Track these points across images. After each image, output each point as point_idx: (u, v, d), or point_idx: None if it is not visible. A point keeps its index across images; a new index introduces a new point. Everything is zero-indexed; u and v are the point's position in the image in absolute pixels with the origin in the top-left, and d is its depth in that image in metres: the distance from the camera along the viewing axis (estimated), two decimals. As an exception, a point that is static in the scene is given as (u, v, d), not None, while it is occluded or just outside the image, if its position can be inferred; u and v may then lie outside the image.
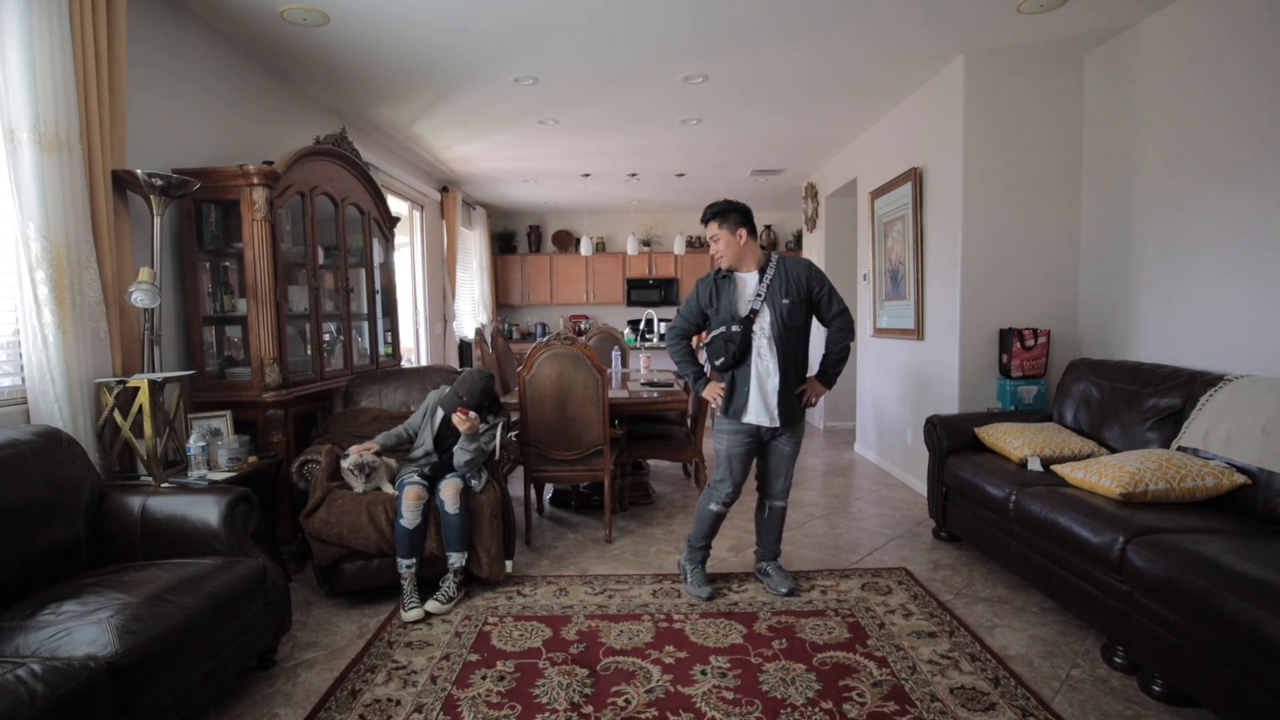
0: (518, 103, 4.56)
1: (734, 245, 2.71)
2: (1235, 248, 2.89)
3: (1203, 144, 3.03)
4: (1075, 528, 2.38)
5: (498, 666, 2.33)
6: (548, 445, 3.50)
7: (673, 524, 3.90)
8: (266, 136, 3.83)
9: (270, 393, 3.05)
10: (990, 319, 3.92)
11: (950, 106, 3.97)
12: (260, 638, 2.19)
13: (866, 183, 5.43)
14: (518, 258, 9.24)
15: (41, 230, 2.27)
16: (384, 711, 2.07)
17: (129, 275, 2.60)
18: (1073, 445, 3.05)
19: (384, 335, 4.53)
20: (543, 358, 3.43)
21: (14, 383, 2.41)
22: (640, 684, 2.21)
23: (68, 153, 2.32)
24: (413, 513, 2.71)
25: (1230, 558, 1.89)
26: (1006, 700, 2.07)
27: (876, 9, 3.21)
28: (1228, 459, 2.49)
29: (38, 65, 2.23)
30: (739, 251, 2.72)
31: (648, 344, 8.38)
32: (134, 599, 1.78)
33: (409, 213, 6.39)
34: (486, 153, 5.99)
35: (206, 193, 2.94)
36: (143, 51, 2.87)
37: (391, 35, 3.44)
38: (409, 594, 2.71)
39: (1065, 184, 3.89)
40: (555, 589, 2.98)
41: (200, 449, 2.65)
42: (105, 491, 2.26)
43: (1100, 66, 3.71)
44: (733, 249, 2.71)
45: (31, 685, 1.41)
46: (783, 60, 3.84)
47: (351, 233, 4.08)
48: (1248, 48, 2.79)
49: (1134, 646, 2.13)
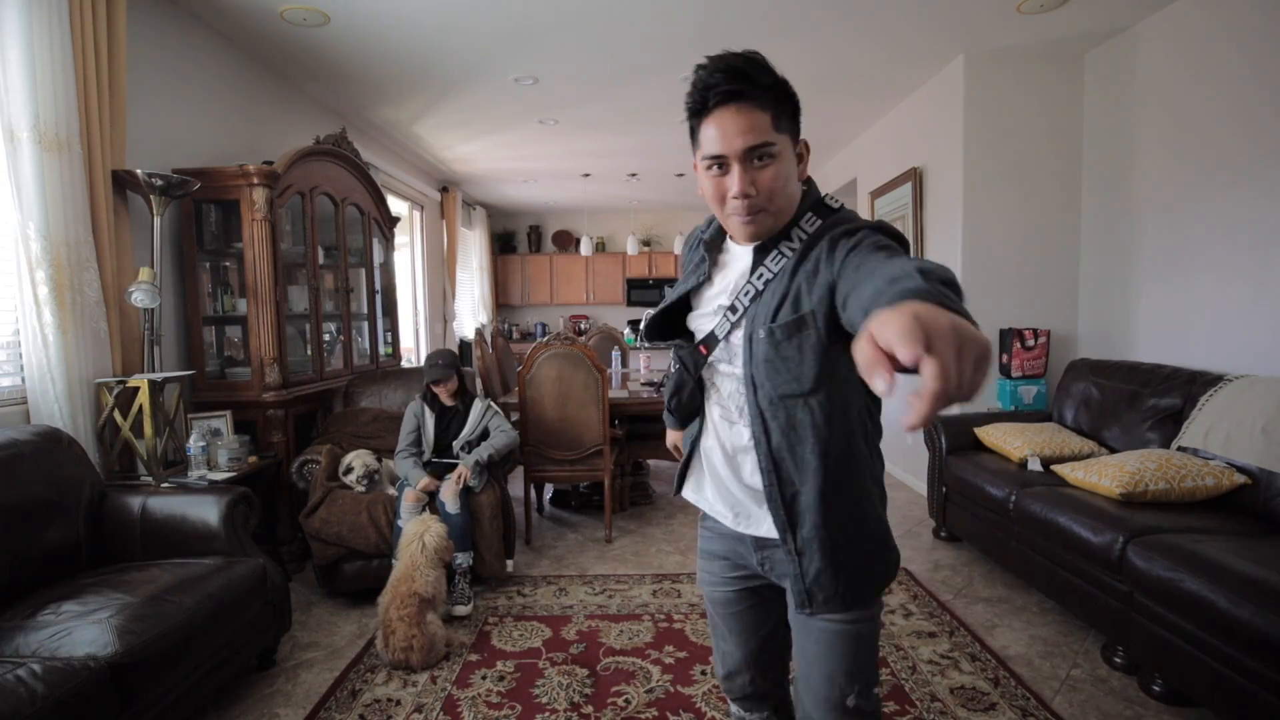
0: (518, 103, 4.56)
1: (790, 176, 1.06)
2: (1235, 248, 2.89)
3: (1203, 144, 3.03)
4: (1075, 528, 2.38)
5: (498, 666, 2.33)
6: (548, 445, 3.50)
7: (673, 524, 3.89)
8: (266, 136, 3.82)
9: (270, 393, 3.05)
10: (990, 319, 3.91)
11: (950, 106, 3.97)
12: (260, 638, 2.19)
13: (866, 183, 5.43)
14: (518, 258, 9.24)
15: (41, 230, 2.26)
16: (384, 711, 2.07)
17: (129, 275, 2.59)
18: (1073, 445, 3.05)
19: (384, 335, 4.53)
20: (543, 358, 3.43)
21: (14, 383, 2.41)
22: (640, 684, 2.21)
23: (68, 153, 2.32)
24: (410, 514, 2.71)
25: (1230, 558, 1.89)
26: (1006, 700, 2.07)
27: (876, 9, 3.20)
28: (1228, 459, 2.49)
29: (38, 65, 2.23)
30: (791, 195, 1.07)
31: (648, 344, 8.38)
32: (134, 599, 1.78)
33: (409, 213, 6.38)
34: (486, 153, 5.99)
35: (206, 193, 2.93)
36: (143, 51, 2.87)
37: (391, 35, 3.44)
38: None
39: (1065, 184, 3.89)
40: (555, 589, 2.98)
41: (200, 449, 2.65)
42: (105, 491, 2.26)
43: (1100, 66, 3.71)
44: (789, 185, 1.05)
45: (31, 685, 1.41)
46: (782, 60, 3.77)
47: (351, 233, 4.08)
48: (1247, 48, 2.79)
49: (1134, 646, 2.13)
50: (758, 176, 1.01)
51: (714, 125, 1.01)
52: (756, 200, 1.02)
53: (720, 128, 1.00)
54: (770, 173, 1.01)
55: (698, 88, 1.01)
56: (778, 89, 1.03)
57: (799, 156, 1.08)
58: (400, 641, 2.26)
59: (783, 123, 1.03)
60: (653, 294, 9.13)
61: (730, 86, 0.99)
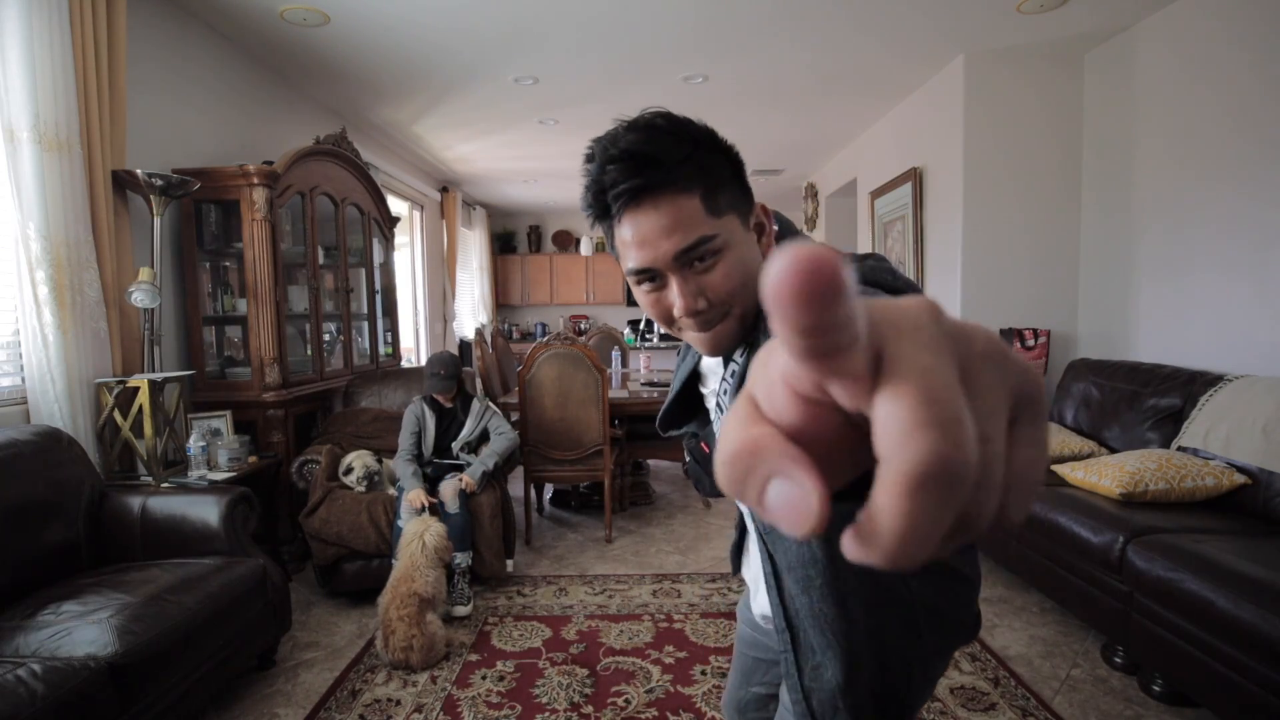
0: (518, 103, 4.56)
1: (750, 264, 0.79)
2: (1235, 247, 2.88)
3: (1203, 144, 3.03)
4: (1075, 528, 2.38)
5: (498, 666, 2.33)
6: (548, 445, 3.50)
7: (673, 524, 3.89)
8: (266, 136, 3.82)
9: (270, 393, 3.05)
10: (990, 319, 3.91)
11: (950, 106, 3.97)
12: (260, 638, 2.19)
13: (866, 183, 5.42)
14: (518, 258, 9.24)
15: (41, 230, 2.26)
16: (384, 711, 2.07)
17: (129, 275, 2.59)
18: (1073, 445, 3.05)
19: (384, 335, 4.53)
20: (543, 358, 3.43)
21: (14, 383, 2.41)
22: (640, 684, 2.21)
23: (68, 153, 2.32)
24: (410, 514, 2.71)
25: (1230, 558, 1.89)
26: (1006, 700, 2.07)
27: (876, 9, 3.20)
28: (1228, 459, 2.49)
29: (38, 65, 2.23)
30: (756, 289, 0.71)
31: (648, 344, 8.38)
32: (134, 599, 1.78)
33: (409, 213, 6.38)
34: (486, 153, 5.99)
35: (206, 193, 2.93)
36: (143, 51, 2.86)
37: (391, 35, 3.44)
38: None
39: (1065, 184, 3.88)
40: (555, 589, 2.98)
41: (200, 449, 2.65)
42: (105, 491, 2.26)
43: (1100, 66, 3.71)
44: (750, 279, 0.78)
45: (31, 685, 1.41)
46: (782, 60, 3.84)
47: (351, 233, 4.08)
48: (1247, 48, 2.79)
49: (1134, 646, 2.13)
50: (705, 282, 0.76)
51: (629, 230, 0.76)
52: (711, 313, 0.77)
53: (637, 234, 0.75)
54: (720, 272, 0.75)
55: (592, 190, 0.77)
56: (700, 158, 0.75)
57: (758, 229, 0.80)
58: (400, 642, 2.26)
59: (720, 200, 0.76)
60: (653, 294, 9.12)
61: (633, 182, 0.73)
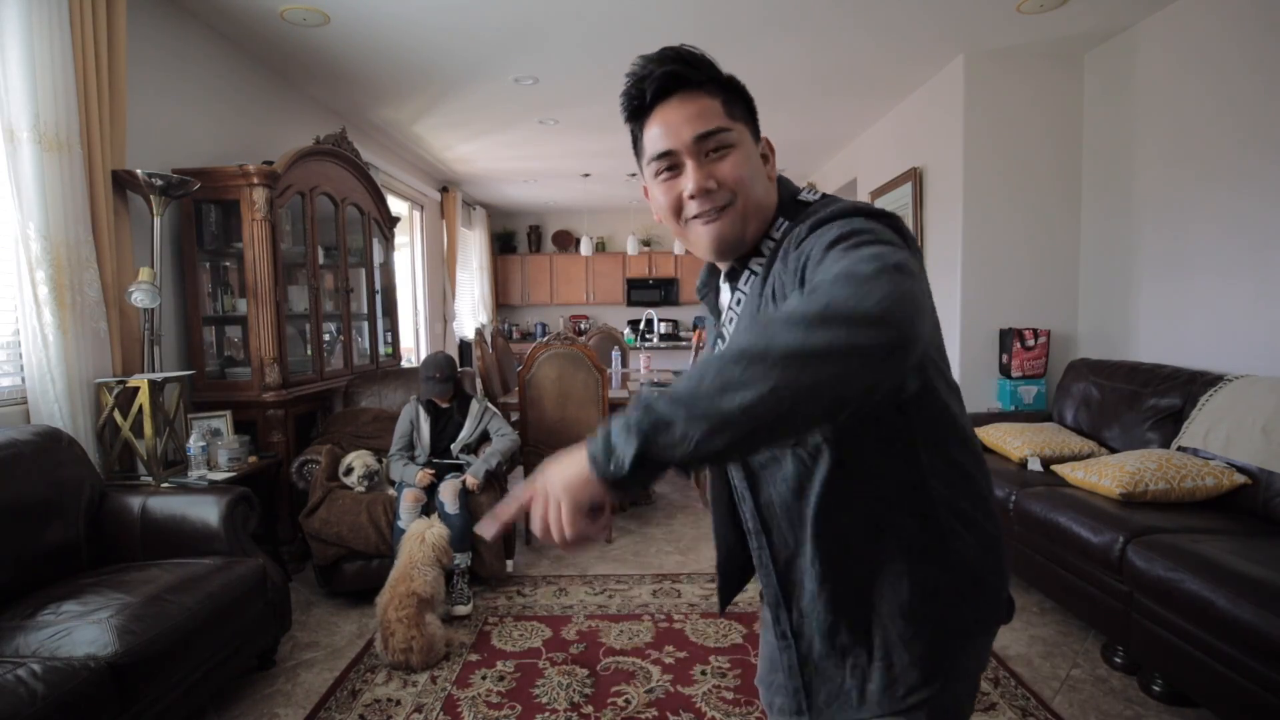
0: (518, 103, 4.56)
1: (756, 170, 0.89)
2: (1235, 247, 2.88)
3: (1203, 144, 3.03)
4: (1075, 528, 2.38)
5: (498, 666, 2.33)
6: (548, 445, 3.50)
7: (673, 524, 3.90)
8: (266, 136, 3.82)
9: (270, 393, 3.05)
10: (990, 319, 3.91)
11: (950, 106, 3.97)
12: (260, 638, 2.20)
13: (866, 182, 5.42)
14: (518, 258, 9.24)
15: (41, 230, 2.26)
16: (384, 711, 2.07)
17: (129, 275, 2.59)
18: (1073, 445, 3.05)
19: (384, 335, 4.53)
20: (543, 358, 3.43)
21: (14, 383, 2.41)
22: (640, 684, 2.21)
23: (68, 153, 2.32)
24: (410, 515, 2.71)
25: (1230, 558, 1.89)
26: (1006, 700, 2.07)
27: (876, 8, 3.20)
28: (1227, 459, 2.49)
29: (38, 65, 2.23)
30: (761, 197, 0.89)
31: (648, 344, 8.38)
32: (134, 599, 1.78)
33: (409, 213, 6.38)
34: (486, 153, 5.99)
35: (206, 193, 2.93)
36: (143, 51, 2.86)
37: (391, 35, 3.44)
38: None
39: (1065, 184, 3.88)
40: (555, 589, 2.98)
41: (200, 449, 2.65)
42: (105, 491, 2.26)
43: (1100, 66, 3.71)
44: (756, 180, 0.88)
45: (32, 685, 1.41)
46: (782, 60, 3.84)
47: (351, 233, 4.08)
48: (1247, 48, 2.79)
49: (1134, 646, 2.13)
50: (715, 169, 0.85)
51: (657, 122, 0.86)
52: (718, 194, 0.85)
53: (664, 122, 0.85)
54: (730, 162, 0.85)
55: (632, 83, 0.87)
56: (723, 80, 0.88)
57: (764, 157, 0.92)
58: (400, 643, 2.26)
59: (736, 111, 0.88)
60: (653, 294, 9.12)
61: (669, 69, 0.84)
